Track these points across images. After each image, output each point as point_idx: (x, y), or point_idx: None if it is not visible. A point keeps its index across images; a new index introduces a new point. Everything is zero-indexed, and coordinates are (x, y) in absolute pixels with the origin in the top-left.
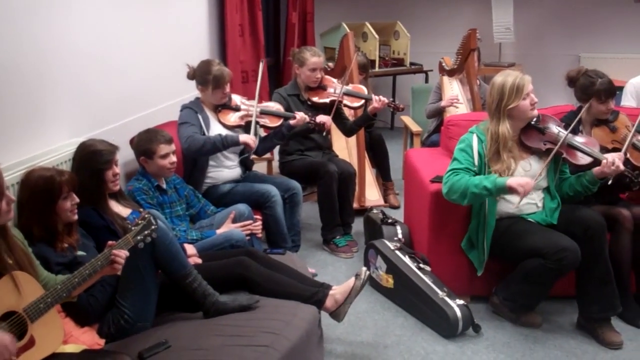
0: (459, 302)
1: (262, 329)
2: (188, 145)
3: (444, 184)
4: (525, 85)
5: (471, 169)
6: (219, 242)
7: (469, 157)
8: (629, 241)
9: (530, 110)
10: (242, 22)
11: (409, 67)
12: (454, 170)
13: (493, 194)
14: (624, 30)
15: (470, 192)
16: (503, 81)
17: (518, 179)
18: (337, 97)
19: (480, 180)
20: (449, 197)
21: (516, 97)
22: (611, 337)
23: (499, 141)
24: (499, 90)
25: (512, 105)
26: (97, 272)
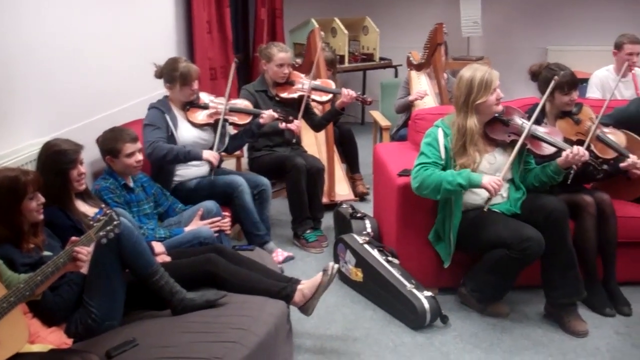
0: (426, 294)
1: (231, 325)
2: (151, 151)
3: (413, 179)
4: (494, 81)
5: (439, 162)
6: (187, 240)
7: (436, 151)
8: (593, 227)
9: (495, 105)
10: (210, 19)
11: (379, 62)
12: (423, 165)
13: (466, 190)
14: (590, 23)
15: (444, 188)
16: (471, 76)
17: (492, 179)
18: (305, 92)
19: (453, 177)
20: (420, 192)
21: (484, 92)
22: (577, 326)
23: (466, 135)
24: (467, 84)
25: (481, 101)
26: (60, 270)
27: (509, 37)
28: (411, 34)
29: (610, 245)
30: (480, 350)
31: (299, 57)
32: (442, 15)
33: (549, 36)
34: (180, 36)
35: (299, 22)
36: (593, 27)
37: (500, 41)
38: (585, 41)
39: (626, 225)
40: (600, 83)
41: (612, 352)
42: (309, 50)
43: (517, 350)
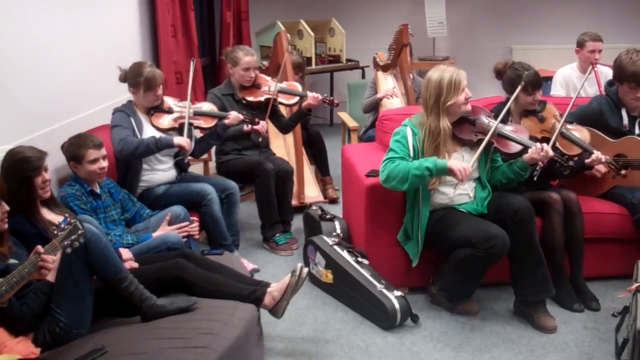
0: (396, 293)
1: (200, 330)
2: (121, 147)
3: (381, 172)
4: (462, 81)
5: (407, 158)
6: (155, 245)
7: (405, 148)
8: (560, 224)
9: (464, 105)
10: (174, 23)
11: (346, 63)
12: (390, 159)
13: (433, 175)
14: (553, 21)
15: (412, 174)
16: (440, 77)
17: (458, 163)
18: (271, 95)
19: (420, 163)
20: (388, 183)
21: (454, 93)
22: (546, 322)
23: (440, 137)
24: (436, 86)
25: (451, 102)
26: (25, 279)
27: (474, 36)
28: (377, 35)
29: (577, 242)
30: (450, 348)
31: (265, 59)
32: (407, 16)
33: (513, 35)
34: (145, 40)
35: (265, 24)
36: (556, 25)
37: (466, 41)
38: (549, 40)
39: (592, 221)
40: (564, 81)
41: (580, 347)
42: (276, 53)
43: (487, 348)
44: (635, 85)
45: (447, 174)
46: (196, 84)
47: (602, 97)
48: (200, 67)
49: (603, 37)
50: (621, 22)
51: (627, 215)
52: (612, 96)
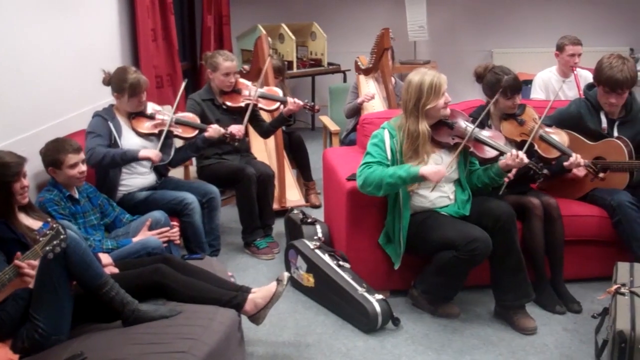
0: (378, 297)
1: (181, 335)
2: (89, 157)
3: (358, 177)
4: (442, 85)
5: (384, 162)
6: (135, 251)
7: (382, 151)
8: (541, 229)
9: (443, 109)
10: (155, 27)
11: (327, 67)
12: (367, 164)
13: (407, 183)
14: (533, 25)
15: (386, 182)
16: (421, 80)
17: (430, 167)
18: (252, 100)
19: (394, 170)
20: (364, 189)
21: (434, 97)
22: (526, 323)
23: (419, 140)
24: (416, 89)
25: (430, 106)
26: (6, 286)
27: (454, 40)
28: (359, 39)
29: (557, 247)
30: (431, 351)
31: (246, 63)
32: (388, 20)
33: (493, 39)
34: (125, 44)
35: (246, 28)
36: (536, 29)
37: (446, 45)
38: (529, 43)
39: (572, 224)
40: (544, 84)
41: (560, 349)
42: (256, 57)
43: (468, 350)
44: (609, 90)
45: (421, 180)
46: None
47: (581, 101)
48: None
49: (583, 41)
50: (601, 26)
51: (607, 217)
52: (591, 99)
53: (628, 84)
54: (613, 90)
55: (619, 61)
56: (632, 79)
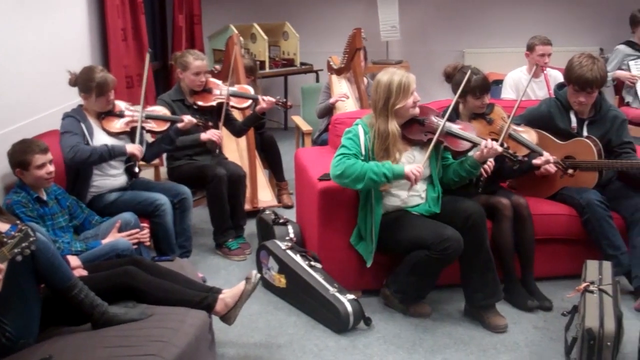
0: (349, 297)
1: (150, 338)
2: (73, 155)
3: (334, 167)
4: (411, 84)
5: (359, 155)
6: (104, 253)
7: (357, 146)
8: (510, 228)
9: (412, 108)
10: (125, 26)
11: (300, 67)
12: (345, 155)
13: (390, 181)
14: (504, 25)
15: (368, 177)
16: (389, 80)
17: (412, 167)
18: (223, 98)
19: (378, 167)
20: (341, 180)
21: (403, 97)
22: (496, 322)
23: (388, 139)
24: (385, 89)
25: (400, 105)
26: None
27: (426, 40)
28: (331, 39)
29: (528, 247)
30: (403, 350)
31: (218, 63)
32: (361, 20)
33: (465, 39)
34: (95, 44)
35: (218, 28)
36: (507, 29)
37: (418, 45)
38: (500, 43)
39: (542, 222)
40: (514, 84)
41: (530, 347)
42: (228, 57)
43: (439, 349)
44: (578, 89)
45: (403, 179)
46: (147, 89)
47: (551, 100)
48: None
49: (553, 41)
50: (571, 26)
51: (576, 216)
52: (561, 99)
53: (597, 84)
54: (583, 90)
55: (589, 60)
56: (601, 78)
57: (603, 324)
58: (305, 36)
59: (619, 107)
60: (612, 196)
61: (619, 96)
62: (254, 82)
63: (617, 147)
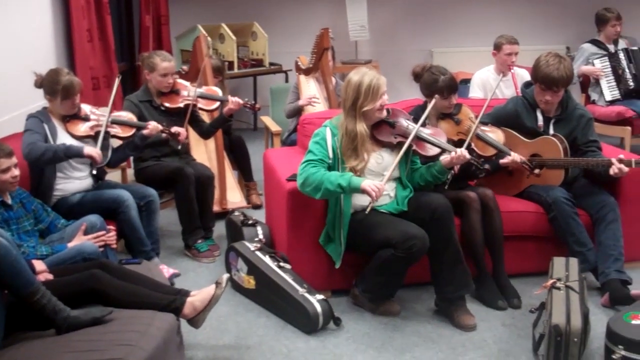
0: (318, 297)
1: (117, 342)
2: (28, 151)
3: (299, 175)
4: (381, 87)
5: (326, 160)
6: (70, 256)
7: (324, 150)
8: (479, 221)
9: (379, 111)
10: (90, 27)
11: (269, 67)
12: (310, 162)
13: (346, 193)
14: (472, 25)
15: (325, 187)
16: (360, 81)
17: (371, 183)
18: (190, 100)
19: (335, 178)
20: (304, 189)
21: (372, 99)
22: (465, 320)
23: (357, 140)
24: (355, 89)
25: (367, 108)
26: None
27: (395, 40)
28: (300, 39)
29: (496, 238)
30: (372, 349)
31: (186, 64)
32: (330, 20)
33: (433, 39)
34: (60, 45)
35: (186, 28)
36: (475, 29)
37: (387, 44)
38: (468, 43)
39: (511, 220)
40: (482, 83)
41: (498, 344)
42: (195, 58)
43: (408, 348)
44: (544, 87)
45: (360, 192)
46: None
47: (517, 98)
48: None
49: (520, 40)
50: (538, 25)
51: (543, 213)
52: (527, 97)
53: (564, 82)
54: (549, 88)
55: (556, 59)
56: (568, 77)
57: (570, 320)
58: (274, 36)
59: (586, 105)
60: (578, 193)
61: (585, 94)
62: (221, 83)
63: (583, 145)
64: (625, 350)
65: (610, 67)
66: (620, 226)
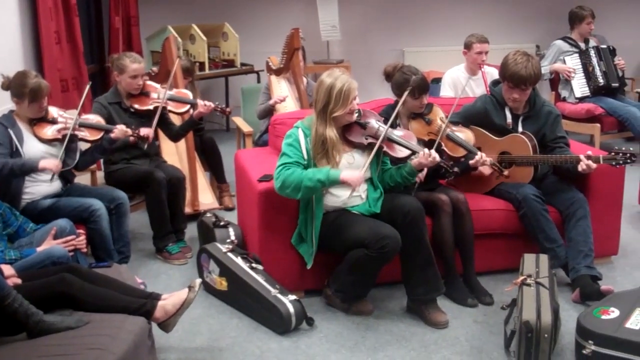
0: (291, 297)
1: (87, 346)
2: None
3: (275, 179)
4: (352, 92)
5: (301, 162)
6: (39, 260)
7: (298, 151)
8: (450, 224)
9: (349, 115)
10: (58, 29)
11: (240, 67)
12: (285, 165)
13: (326, 186)
14: (443, 24)
15: (305, 185)
16: (331, 85)
17: (350, 173)
18: (160, 102)
19: (313, 174)
20: (283, 191)
21: (342, 105)
22: (437, 317)
23: (327, 144)
24: (326, 93)
25: (338, 113)
26: None
27: (367, 40)
28: (272, 39)
29: (467, 242)
30: (345, 349)
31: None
32: (301, 20)
33: (404, 38)
34: (27, 47)
35: (156, 29)
36: (446, 28)
37: (359, 44)
38: (439, 42)
39: (480, 218)
40: (453, 82)
41: (470, 341)
42: (164, 59)
43: (381, 346)
44: (512, 85)
45: (339, 184)
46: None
47: (486, 97)
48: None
49: (491, 39)
50: (507, 24)
51: (513, 210)
52: (496, 95)
53: (532, 81)
54: (517, 86)
55: (524, 58)
56: (535, 75)
57: (540, 316)
58: (245, 37)
59: (556, 103)
60: (547, 190)
61: (555, 92)
62: (191, 84)
63: (551, 142)
64: (595, 345)
65: (581, 64)
66: (589, 222)
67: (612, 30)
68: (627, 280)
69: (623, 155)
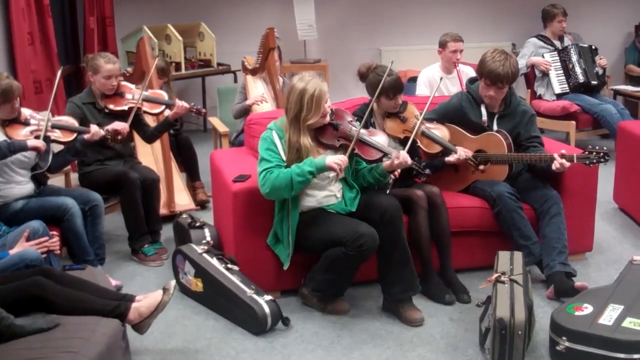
0: (266, 298)
1: (60, 349)
2: None
3: (262, 186)
4: (323, 97)
5: (281, 165)
6: (12, 263)
7: (276, 155)
8: (425, 219)
9: (322, 118)
10: (31, 30)
11: (217, 67)
12: (267, 170)
13: (315, 176)
14: (419, 23)
15: (296, 181)
16: (303, 90)
17: (335, 158)
18: (135, 103)
19: (300, 169)
20: (274, 195)
21: (315, 112)
22: (412, 316)
23: (301, 151)
24: (297, 100)
25: (311, 121)
26: None
27: (343, 39)
28: (248, 39)
29: (444, 235)
30: (321, 349)
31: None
32: (277, 19)
33: (381, 37)
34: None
35: (131, 29)
36: (422, 27)
37: (336, 43)
38: (416, 41)
39: (457, 215)
40: (428, 81)
41: (446, 339)
42: (139, 60)
43: (357, 345)
44: (490, 83)
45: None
46: (57, 93)
47: (462, 94)
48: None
49: (466, 37)
50: (483, 23)
51: (488, 208)
52: (472, 93)
53: (508, 79)
54: (494, 84)
55: (502, 56)
56: (513, 74)
57: (514, 313)
58: (221, 36)
59: (532, 101)
60: (522, 188)
61: (531, 90)
62: (167, 84)
63: (526, 141)
64: (569, 341)
65: (560, 61)
66: (563, 219)
67: (587, 28)
68: (601, 276)
69: (597, 155)
